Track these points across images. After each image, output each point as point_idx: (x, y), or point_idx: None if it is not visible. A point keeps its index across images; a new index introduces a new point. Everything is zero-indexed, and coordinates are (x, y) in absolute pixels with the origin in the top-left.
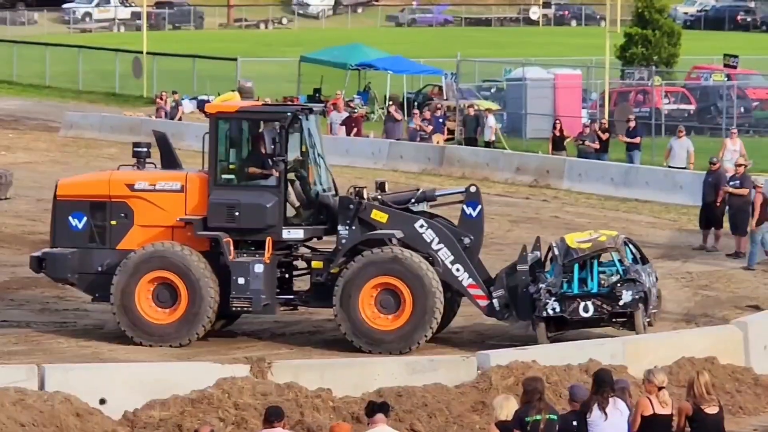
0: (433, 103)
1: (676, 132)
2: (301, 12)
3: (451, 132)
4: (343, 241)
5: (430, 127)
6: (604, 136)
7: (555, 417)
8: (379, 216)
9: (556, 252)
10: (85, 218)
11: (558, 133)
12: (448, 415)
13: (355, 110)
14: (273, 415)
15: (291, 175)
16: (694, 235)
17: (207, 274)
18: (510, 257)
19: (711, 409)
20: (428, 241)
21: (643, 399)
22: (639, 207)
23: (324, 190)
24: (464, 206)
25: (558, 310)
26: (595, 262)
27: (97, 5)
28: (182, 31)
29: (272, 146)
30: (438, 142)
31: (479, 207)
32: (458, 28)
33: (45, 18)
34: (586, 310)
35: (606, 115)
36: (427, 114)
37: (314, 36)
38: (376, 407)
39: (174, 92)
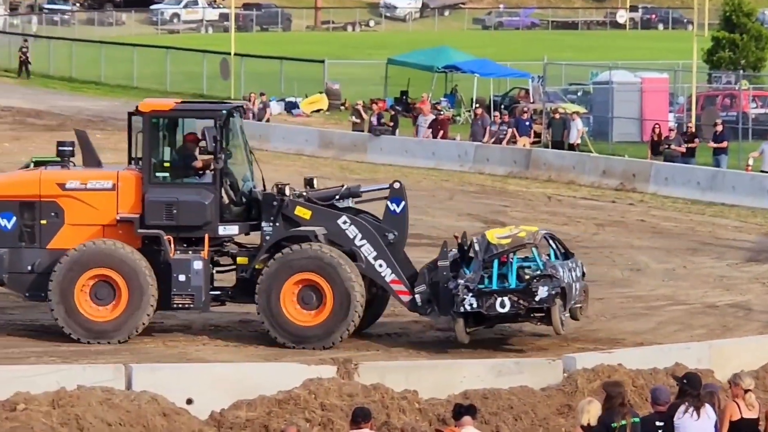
0: (519, 106)
1: (766, 136)
2: (388, 14)
3: (537, 135)
4: (267, 237)
5: (510, 130)
6: (693, 143)
7: (638, 420)
8: (302, 212)
9: (477, 248)
10: (14, 218)
11: (657, 138)
12: (534, 417)
13: (442, 113)
14: (360, 416)
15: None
16: None
17: (145, 269)
18: (595, 260)
19: None
20: (351, 237)
21: (730, 403)
22: (725, 211)
23: (255, 187)
24: (388, 202)
25: (475, 305)
26: (515, 258)
27: (185, 6)
28: (270, 32)
29: (213, 144)
30: (524, 145)
31: (403, 203)
32: (545, 32)
33: (132, 19)
34: (503, 305)
35: (693, 120)
36: (506, 117)
37: (401, 38)
38: (463, 409)
39: (261, 94)
